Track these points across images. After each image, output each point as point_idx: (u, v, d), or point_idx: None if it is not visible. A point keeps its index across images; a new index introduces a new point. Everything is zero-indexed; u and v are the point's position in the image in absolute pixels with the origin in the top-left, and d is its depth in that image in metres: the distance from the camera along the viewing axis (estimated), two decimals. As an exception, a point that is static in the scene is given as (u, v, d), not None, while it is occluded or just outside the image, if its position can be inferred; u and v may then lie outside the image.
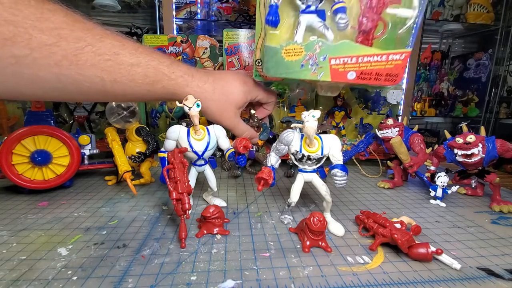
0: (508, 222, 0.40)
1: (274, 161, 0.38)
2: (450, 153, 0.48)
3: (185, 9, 1.58)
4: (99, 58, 0.33)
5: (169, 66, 0.39)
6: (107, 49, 0.34)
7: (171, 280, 0.26)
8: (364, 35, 0.38)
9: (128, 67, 0.35)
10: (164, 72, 0.39)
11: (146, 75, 0.37)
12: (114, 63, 0.34)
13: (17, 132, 0.44)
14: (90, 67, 0.33)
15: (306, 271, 0.28)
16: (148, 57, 0.37)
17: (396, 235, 0.30)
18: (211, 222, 0.34)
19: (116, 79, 0.35)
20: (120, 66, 0.35)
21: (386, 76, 0.37)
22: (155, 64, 0.38)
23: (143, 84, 0.37)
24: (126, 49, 0.35)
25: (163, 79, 0.39)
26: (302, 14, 0.38)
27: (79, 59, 0.32)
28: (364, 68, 0.37)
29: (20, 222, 0.37)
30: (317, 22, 0.38)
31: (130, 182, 0.46)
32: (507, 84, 1.90)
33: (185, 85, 0.41)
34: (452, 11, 1.81)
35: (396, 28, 0.36)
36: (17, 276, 0.26)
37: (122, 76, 0.35)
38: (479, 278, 0.27)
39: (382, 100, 0.72)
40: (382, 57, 0.37)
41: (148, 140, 0.51)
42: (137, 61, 0.36)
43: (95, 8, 1.62)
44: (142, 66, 0.36)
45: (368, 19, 0.37)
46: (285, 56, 0.38)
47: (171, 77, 0.39)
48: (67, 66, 0.31)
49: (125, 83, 0.36)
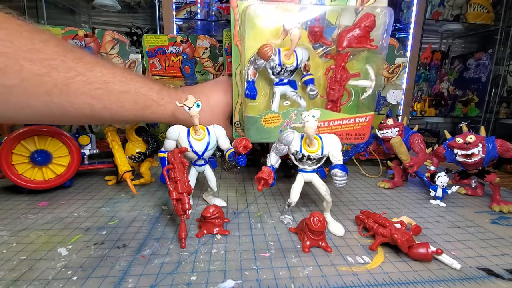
0: (508, 222, 0.40)
1: (274, 161, 0.38)
2: (450, 153, 0.48)
3: (185, 9, 1.58)
4: (90, 86, 0.34)
5: (159, 92, 0.40)
6: (97, 78, 0.34)
7: (171, 280, 0.26)
8: (333, 103, 0.44)
9: (118, 94, 0.36)
10: (153, 99, 0.40)
11: (135, 101, 0.38)
12: (104, 91, 0.35)
13: (17, 132, 0.44)
14: (80, 95, 0.33)
15: (306, 271, 0.28)
16: (138, 84, 0.38)
17: (396, 235, 0.30)
18: (211, 222, 0.34)
19: (106, 106, 0.36)
20: (110, 94, 0.36)
21: (355, 135, 0.43)
22: (145, 91, 0.39)
23: (132, 109, 0.38)
24: (116, 77, 0.36)
25: (152, 105, 0.40)
26: (276, 85, 0.42)
27: (70, 88, 0.32)
28: (336, 130, 0.43)
29: (20, 222, 0.37)
30: (290, 91, 0.43)
31: (130, 182, 0.46)
32: (507, 84, 1.90)
33: (174, 109, 0.42)
34: (452, 11, 1.81)
35: (359, 96, 0.42)
36: (17, 276, 0.26)
37: (112, 102, 0.36)
38: (479, 278, 0.27)
39: (382, 100, 0.72)
40: (350, 120, 0.42)
41: (148, 140, 0.51)
42: (127, 89, 0.37)
43: (95, 8, 1.63)
44: (132, 93, 0.37)
45: (334, 90, 0.43)
46: (264, 124, 0.42)
47: (160, 103, 0.40)
48: (57, 95, 0.32)
49: (114, 109, 0.37)
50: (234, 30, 0.40)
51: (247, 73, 0.40)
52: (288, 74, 0.42)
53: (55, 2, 1.56)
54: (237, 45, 0.41)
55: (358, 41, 0.38)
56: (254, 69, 0.40)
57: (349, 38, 0.38)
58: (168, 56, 0.73)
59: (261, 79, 0.43)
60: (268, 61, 0.40)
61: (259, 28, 0.39)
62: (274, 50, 0.39)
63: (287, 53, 0.40)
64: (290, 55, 0.40)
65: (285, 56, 0.40)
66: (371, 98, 0.43)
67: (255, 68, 0.40)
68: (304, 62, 0.42)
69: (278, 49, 0.40)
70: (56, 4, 1.58)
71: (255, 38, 0.40)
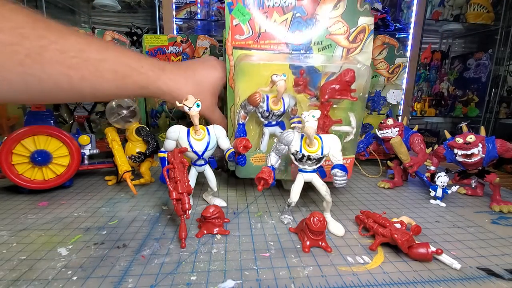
0: (508, 222, 0.40)
1: (274, 161, 0.38)
2: (450, 153, 0.48)
3: (185, 9, 1.58)
4: (64, 55, 0.32)
5: (138, 60, 0.39)
6: (71, 46, 0.33)
7: (171, 280, 0.26)
8: None
9: (95, 63, 0.34)
10: (133, 67, 0.38)
11: (115, 70, 0.36)
12: (81, 60, 0.33)
13: (17, 132, 0.44)
14: (55, 64, 0.32)
15: (306, 271, 0.28)
16: (115, 52, 0.37)
17: (396, 235, 0.30)
18: (211, 222, 0.34)
19: (84, 76, 0.34)
20: (87, 63, 0.34)
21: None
22: (124, 59, 0.37)
23: (112, 80, 0.36)
24: (92, 46, 0.35)
25: (132, 74, 0.38)
26: (265, 127, 0.46)
27: (43, 57, 0.31)
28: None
29: (20, 222, 0.37)
30: (278, 132, 0.46)
31: (130, 182, 0.46)
32: (507, 84, 1.90)
33: (156, 78, 0.40)
34: (452, 11, 1.81)
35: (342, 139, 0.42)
36: (17, 276, 0.26)
37: (90, 73, 0.34)
38: (479, 278, 0.27)
39: (382, 100, 0.72)
40: None
41: (148, 140, 0.51)
42: (105, 57, 0.35)
43: (95, 8, 1.63)
44: (109, 62, 0.36)
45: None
46: (253, 162, 0.46)
47: (141, 71, 0.38)
48: (31, 66, 0.31)
49: (93, 80, 0.35)
50: (229, 74, 0.45)
51: (238, 116, 0.44)
52: (276, 118, 0.45)
53: (55, 2, 1.56)
54: (231, 86, 0.45)
55: (339, 93, 0.42)
56: (245, 113, 0.44)
57: (330, 91, 0.42)
58: (168, 56, 0.73)
59: (252, 120, 0.47)
60: (257, 107, 0.44)
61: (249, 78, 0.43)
62: (263, 97, 0.42)
63: (274, 100, 0.43)
64: (278, 102, 0.43)
65: (272, 103, 0.43)
66: (352, 142, 0.46)
67: (245, 112, 0.44)
68: (291, 107, 0.45)
69: (267, 96, 0.43)
70: (56, 4, 1.58)
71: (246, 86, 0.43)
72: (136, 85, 0.38)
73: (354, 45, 0.43)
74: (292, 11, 0.43)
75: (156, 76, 0.40)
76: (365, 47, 0.43)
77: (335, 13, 0.43)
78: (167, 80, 0.41)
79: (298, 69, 0.43)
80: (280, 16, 0.43)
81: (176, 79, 0.41)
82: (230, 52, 0.44)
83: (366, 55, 0.43)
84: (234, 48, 0.44)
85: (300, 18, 0.43)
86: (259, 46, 0.44)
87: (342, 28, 0.43)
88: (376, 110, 0.72)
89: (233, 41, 0.43)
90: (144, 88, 0.39)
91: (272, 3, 0.43)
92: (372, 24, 0.43)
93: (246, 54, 0.44)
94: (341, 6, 0.42)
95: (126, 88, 0.38)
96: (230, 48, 0.44)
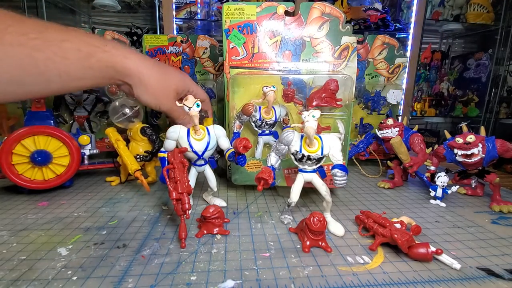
0: (508, 222, 0.40)
1: (274, 161, 0.38)
2: (450, 153, 0.48)
3: (185, 9, 1.58)
4: (25, 37, 0.32)
5: (100, 40, 0.38)
6: (31, 28, 0.33)
7: (171, 280, 0.26)
8: None
9: (58, 43, 0.34)
10: (96, 45, 0.37)
11: (78, 49, 0.36)
12: (43, 40, 0.33)
13: (17, 132, 0.44)
14: (18, 46, 0.32)
15: (306, 271, 0.28)
16: (77, 33, 0.36)
17: (396, 235, 0.30)
18: (211, 222, 0.34)
19: (49, 57, 0.34)
20: (49, 43, 0.34)
21: (330, 181, 0.45)
22: (86, 38, 0.37)
23: (77, 60, 0.36)
24: (52, 28, 0.35)
25: (96, 51, 0.37)
26: (260, 136, 0.51)
27: (4, 40, 0.31)
28: None
29: (20, 222, 0.37)
30: (272, 141, 0.51)
31: (143, 179, 0.45)
32: (507, 84, 1.90)
33: (122, 56, 0.39)
34: (452, 11, 1.81)
35: None
36: (17, 276, 0.26)
37: (54, 53, 0.34)
38: (479, 278, 0.27)
39: (382, 100, 0.72)
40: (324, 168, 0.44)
41: (154, 139, 0.52)
42: (67, 37, 0.35)
43: (95, 8, 1.63)
44: (72, 41, 0.35)
45: None
46: (248, 169, 0.49)
47: (105, 49, 0.38)
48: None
49: (58, 61, 0.35)
50: (227, 90, 0.49)
51: (233, 125, 0.49)
52: (269, 127, 0.50)
53: (55, 2, 1.56)
54: (228, 101, 0.50)
55: (326, 101, 0.46)
56: (239, 123, 0.49)
57: (317, 99, 0.46)
58: (168, 56, 0.73)
59: (248, 131, 0.52)
60: (250, 117, 0.48)
61: (242, 91, 0.49)
62: (255, 107, 0.47)
63: (266, 110, 0.48)
64: (269, 111, 0.48)
65: (264, 113, 0.48)
66: (342, 148, 0.48)
67: (240, 121, 0.49)
68: (282, 117, 0.50)
69: (259, 107, 0.49)
70: (56, 4, 1.58)
71: (241, 98, 0.49)
72: (101, 63, 0.38)
73: (339, 61, 0.49)
74: (280, 35, 0.49)
75: (123, 54, 0.39)
76: (349, 62, 0.49)
77: (320, 34, 0.49)
78: (136, 60, 0.40)
79: (286, 80, 0.48)
80: (270, 39, 0.49)
81: (145, 63, 0.40)
82: (227, 71, 0.50)
83: (351, 69, 0.49)
84: (231, 68, 0.50)
85: (289, 39, 0.49)
86: (253, 65, 0.50)
87: (327, 47, 0.49)
88: (376, 110, 0.72)
89: (230, 62, 0.50)
90: (110, 68, 0.38)
91: (263, 28, 0.49)
92: (354, 42, 0.49)
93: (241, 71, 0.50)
94: (324, 28, 0.48)
95: (92, 67, 0.37)
96: (228, 68, 0.50)
